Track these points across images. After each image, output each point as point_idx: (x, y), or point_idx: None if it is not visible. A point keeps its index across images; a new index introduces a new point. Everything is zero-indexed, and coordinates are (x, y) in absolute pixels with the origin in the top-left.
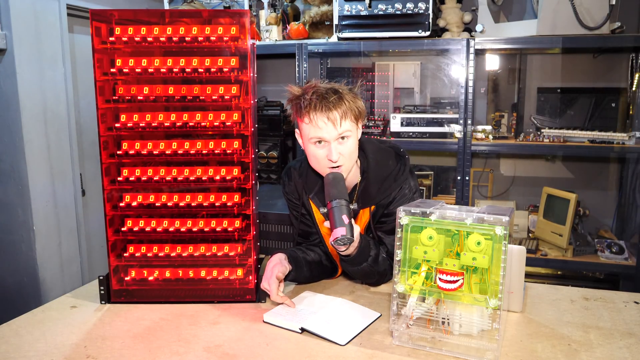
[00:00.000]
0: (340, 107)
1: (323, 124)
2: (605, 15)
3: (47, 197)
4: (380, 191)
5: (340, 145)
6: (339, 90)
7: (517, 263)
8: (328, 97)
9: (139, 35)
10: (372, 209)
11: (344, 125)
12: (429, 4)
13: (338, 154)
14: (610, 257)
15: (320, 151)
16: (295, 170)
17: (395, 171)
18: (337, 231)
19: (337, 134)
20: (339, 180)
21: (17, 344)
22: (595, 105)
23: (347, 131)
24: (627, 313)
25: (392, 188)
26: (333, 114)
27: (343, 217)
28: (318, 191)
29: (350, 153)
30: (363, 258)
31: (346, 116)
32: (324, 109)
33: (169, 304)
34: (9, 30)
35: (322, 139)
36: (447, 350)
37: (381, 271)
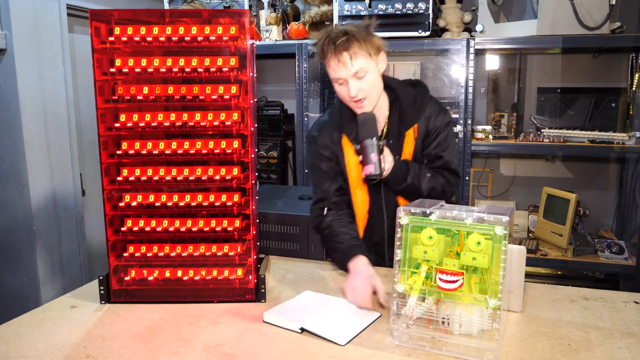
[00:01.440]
0: (350, 47)
1: (335, 65)
2: (605, 15)
3: (47, 197)
4: (415, 108)
5: (358, 81)
6: (349, 31)
7: (517, 263)
8: (337, 39)
9: (139, 35)
10: (415, 129)
11: (355, 64)
12: (429, 4)
13: (357, 89)
14: (610, 257)
15: (342, 89)
16: (325, 123)
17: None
18: (367, 168)
19: (350, 72)
20: (370, 121)
21: (17, 344)
22: (595, 105)
23: (362, 68)
24: (627, 313)
25: (424, 105)
26: (343, 56)
27: (372, 155)
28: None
29: (370, 87)
30: (400, 179)
31: (357, 55)
32: (334, 52)
33: (169, 303)
34: (9, 30)
35: (340, 78)
36: (447, 350)
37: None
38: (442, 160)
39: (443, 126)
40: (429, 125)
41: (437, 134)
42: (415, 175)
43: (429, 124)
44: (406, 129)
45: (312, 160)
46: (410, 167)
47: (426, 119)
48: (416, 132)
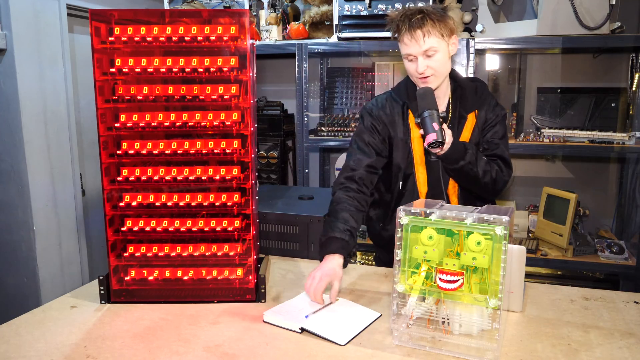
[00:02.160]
0: (424, 26)
1: (408, 41)
2: (605, 15)
3: (47, 197)
4: (477, 96)
5: (428, 59)
6: (424, 10)
7: (517, 263)
8: (412, 17)
9: (139, 35)
10: (476, 114)
11: (427, 42)
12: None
13: (425, 66)
14: (610, 257)
15: (412, 65)
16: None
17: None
18: (429, 136)
19: (421, 50)
20: (429, 94)
21: (17, 344)
22: (595, 105)
23: (433, 47)
24: (627, 313)
25: (485, 92)
26: (417, 33)
27: (434, 124)
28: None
29: (439, 66)
30: (459, 155)
31: (430, 34)
32: (409, 29)
33: (169, 303)
34: (9, 30)
35: (410, 54)
36: (447, 350)
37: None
38: (498, 149)
39: (500, 117)
40: (487, 114)
41: (494, 124)
42: (472, 155)
43: (488, 113)
44: (467, 113)
45: (360, 130)
46: (468, 148)
47: (486, 107)
48: (476, 118)
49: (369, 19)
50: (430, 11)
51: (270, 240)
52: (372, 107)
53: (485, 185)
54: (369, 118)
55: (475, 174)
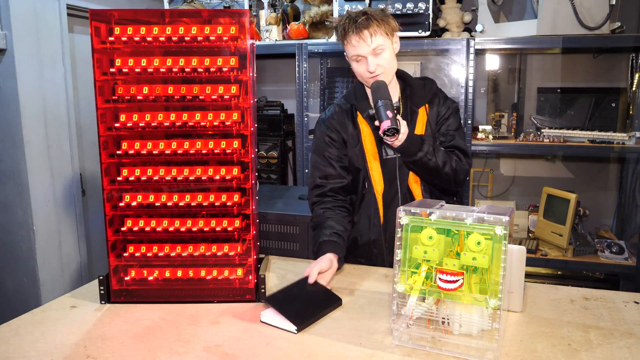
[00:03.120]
0: (370, 26)
1: (357, 42)
2: (605, 15)
3: (47, 197)
4: (425, 91)
5: (376, 58)
6: (367, 12)
7: (517, 263)
8: (357, 19)
9: (139, 35)
10: (427, 109)
11: (374, 41)
12: (429, 4)
13: (375, 65)
14: (610, 257)
15: (361, 66)
16: (337, 105)
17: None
18: (384, 123)
19: (370, 49)
20: (382, 86)
21: (17, 344)
22: (595, 105)
23: (380, 45)
24: (627, 313)
25: (433, 87)
26: (364, 33)
27: (387, 112)
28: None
29: (387, 63)
30: (416, 147)
31: (376, 33)
32: (355, 30)
33: (169, 303)
34: (9, 30)
35: (359, 55)
36: (447, 350)
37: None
38: (454, 140)
39: (452, 110)
40: (439, 108)
41: (447, 116)
42: (429, 146)
43: (439, 107)
44: (418, 107)
45: (317, 145)
46: (424, 139)
47: (436, 102)
48: (427, 112)
49: None
50: (373, 12)
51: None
52: (324, 117)
53: (447, 176)
54: (323, 129)
55: (435, 164)
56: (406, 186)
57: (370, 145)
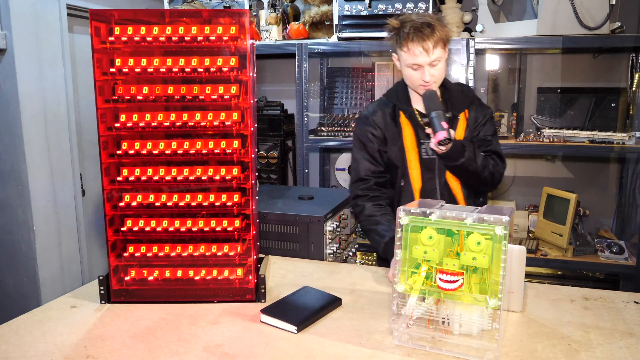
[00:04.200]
0: (433, 37)
1: (419, 52)
2: (605, 15)
3: (47, 197)
4: (464, 96)
5: (433, 68)
6: (432, 23)
7: (517, 263)
8: (423, 29)
9: (139, 35)
10: (466, 114)
11: (435, 53)
12: (429, 4)
13: (430, 75)
14: (610, 257)
15: (415, 74)
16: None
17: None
18: (439, 134)
19: (429, 60)
20: (435, 96)
21: (17, 344)
22: (595, 105)
23: (438, 57)
24: (627, 313)
25: (471, 93)
26: (427, 44)
27: (442, 123)
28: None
29: (440, 74)
30: (459, 154)
31: (437, 45)
32: (419, 40)
33: (169, 303)
34: (9, 30)
35: (418, 65)
36: (447, 350)
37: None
38: (491, 145)
39: (489, 116)
40: (477, 113)
41: (484, 122)
42: (471, 151)
43: (477, 113)
44: (458, 112)
45: (359, 141)
46: (466, 145)
47: (474, 108)
48: (467, 117)
49: (369, 19)
50: (436, 24)
51: (270, 240)
52: (366, 113)
53: (485, 179)
54: (364, 126)
55: (475, 169)
56: (444, 183)
57: (411, 144)
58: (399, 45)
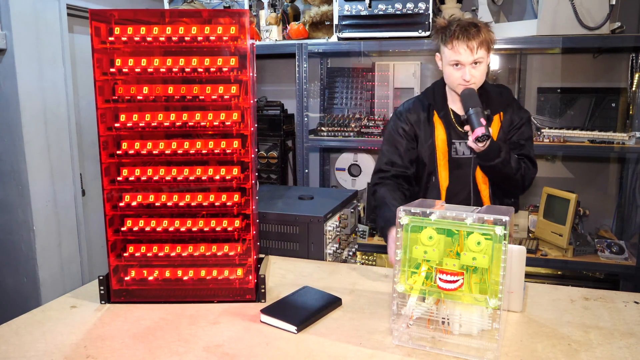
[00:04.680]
0: (478, 38)
1: (463, 50)
2: (605, 15)
3: (47, 197)
4: (502, 99)
5: (474, 69)
6: (478, 24)
7: (517, 263)
8: (469, 29)
9: (139, 35)
10: (501, 116)
11: (479, 53)
12: (429, 4)
13: (471, 75)
14: (610, 257)
15: (457, 72)
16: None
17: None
18: (478, 130)
19: (472, 59)
20: (474, 94)
21: (17, 344)
22: (595, 105)
23: (481, 58)
24: (627, 313)
25: (509, 96)
26: (471, 43)
27: (481, 119)
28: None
29: (481, 75)
30: (495, 154)
31: (482, 46)
32: (464, 39)
33: (169, 303)
34: (9, 30)
35: (460, 62)
36: (447, 350)
37: (517, 169)
38: (524, 149)
39: (525, 119)
40: (513, 116)
41: (520, 126)
42: (507, 153)
43: (513, 115)
44: (493, 114)
45: (389, 134)
46: (502, 146)
47: (510, 110)
48: (501, 119)
49: (369, 19)
50: (482, 25)
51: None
52: (401, 109)
53: (516, 182)
54: (397, 121)
55: (509, 170)
56: (474, 185)
57: (442, 143)
58: (444, 43)
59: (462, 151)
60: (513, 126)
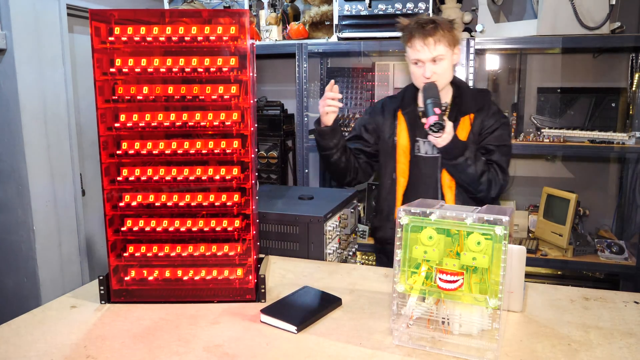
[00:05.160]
0: (436, 34)
1: (420, 47)
2: (605, 15)
3: (47, 197)
4: (474, 100)
5: (434, 65)
6: (436, 20)
7: (517, 263)
8: (425, 25)
9: (139, 35)
10: (471, 118)
11: (438, 50)
12: (429, 4)
13: (432, 72)
14: (610, 257)
15: (418, 70)
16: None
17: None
18: (430, 118)
19: (431, 56)
20: (433, 87)
21: (17, 344)
22: (595, 105)
23: (441, 55)
24: (627, 313)
25: (484, 99)
26: (429, 40)
27: (435, 109)
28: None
29: (443, 72)
30: (459, 151)
31: (440, 42)
32: (421, 36)
33: (169, 303)
34: (9, 30)
35: (419, 60)
36: (447, 350)
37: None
38: (494, 155)
39: (499, 125)
40: (485, 120)
41: (492, 130)
42: (471, 153)
43: (486, 119)
44: (462, 115)
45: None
46: (468, 145)
47: (484, 114)
48: (471, 122)
49: (369, 19)
50: (441, 22)
51: (270, 240)
52: (373, 107)
53: (482, 185)
54: (365, 115)
55: (474, 171)
56: (440, 188)
57: (404, 140)
58: (405, 42)
59: (425, 150)
60: (485, 130)
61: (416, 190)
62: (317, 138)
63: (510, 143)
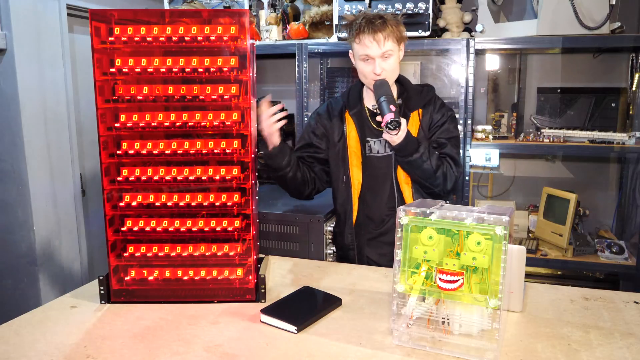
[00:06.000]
0: (384, 30)
1: (370, 43)
2: (605, 15)
3: (47, 197)
4: (421, 96)
5: (384, 62)
6: (384, 16)
7: (517, 263)
8: (374, 21)
9: (139, 35)
10: (420, 113)
11: (386, 45)
12: (429, 4)
13: (382, 68)
14: (610, 257)
15: (367, 67)
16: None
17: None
18: (387, 116)
19: (380, 52)
20: (385, 84)
21: (17, 344)
22: (595, 105)
23: (390, 50)
24: (627, 313)
25: (430, 94)
26: (378, 35)
27: (390, 106)
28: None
29: (392, 69)
30: (413, 148)
31: (389, 38)
32: (370, 31)
33: (169, 303)
34: (9, 30)
35: (369, 56)
36: (447, 350)
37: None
38: (446, 148)
39: (448, 118)
40: (433, 114)
41: (441, 124)
42: (425, 148)
43: (434, 113)
44: (410, 111)
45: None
46: (421, 141)
47: (431, 108)
48: (420, 117)
49: None
50: (388, 18)
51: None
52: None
53: (438, 180)
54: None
55: (429, 167)
56: (397, 184)
57: (354, 141)
58: (352, 38)
59: (377, 149)
60: (434, 124)
61: (373, 191)
62: (267, 162)
63: (458, 134)
